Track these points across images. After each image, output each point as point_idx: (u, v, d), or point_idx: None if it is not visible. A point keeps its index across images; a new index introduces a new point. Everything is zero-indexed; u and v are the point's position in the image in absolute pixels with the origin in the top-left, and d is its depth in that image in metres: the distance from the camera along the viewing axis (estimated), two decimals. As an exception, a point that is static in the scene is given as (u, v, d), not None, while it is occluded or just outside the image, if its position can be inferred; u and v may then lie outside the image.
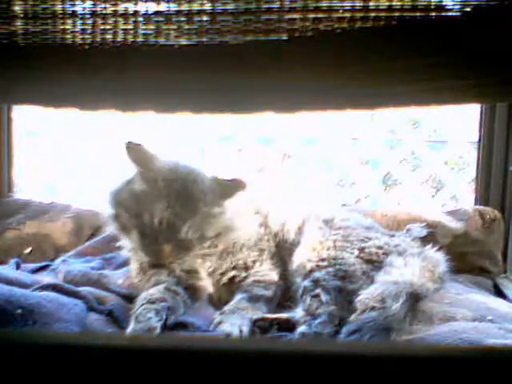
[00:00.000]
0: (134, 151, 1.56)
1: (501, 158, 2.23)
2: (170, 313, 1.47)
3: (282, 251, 1.74)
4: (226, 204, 1.61)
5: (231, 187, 1.61)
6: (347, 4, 1.10)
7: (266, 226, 1.77)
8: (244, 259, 1.67)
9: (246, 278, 1.66)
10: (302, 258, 1.63)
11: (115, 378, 0.82)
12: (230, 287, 1.65)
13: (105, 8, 1.13)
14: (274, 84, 1.20)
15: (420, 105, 1.49)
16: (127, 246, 1.70)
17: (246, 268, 1.67)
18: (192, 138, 3.48)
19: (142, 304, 1.46)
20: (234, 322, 1.44)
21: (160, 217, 1.51)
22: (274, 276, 1.67)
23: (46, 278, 1.75)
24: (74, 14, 1.14)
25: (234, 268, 1.66)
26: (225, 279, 1.66)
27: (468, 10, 1.08)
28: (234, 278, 1.66)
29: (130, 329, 1.39)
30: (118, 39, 1.15)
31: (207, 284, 1.65)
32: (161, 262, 1.55)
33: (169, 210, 1.51)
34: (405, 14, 1.09)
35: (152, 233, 1.52)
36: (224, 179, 1.64)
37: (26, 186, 3.21)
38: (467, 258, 2.07)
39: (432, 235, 2.03)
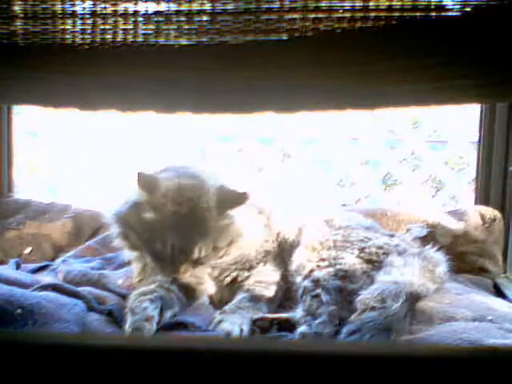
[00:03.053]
0: (145, 181, 1.55)
1: (501, 158, 2.23)
2: (165, 304, 1.47)
3: (283, 252, 1.74)
4: (233, 213, 1.61)
5: (236, 199, 1.60)
6: (347, 4, 1.10)
7: (269, 228, 1.78)
8: (250, 261, 1.68)
9: (248, 278, 1.66)
10: (302, 258, 1.63)
11: (115, 378, 0.82)
12: (231, 287, 1.65)
13: (105, 8, 1.13)
14: (274, 84, 1.20)
15: (420, 105, 1.49)
16: (131, 254, 1.71)
17: (249, 269, 1.67)
18: (192, 138, 3.49)
19: (135, 299, 1.47)
20: (234, 321, 1.44)
21: (172, 243, 1.52)
22: (275, 276, 1.67)
23: (46, 277, 1.75)
24: (73, 14, 1.14)
25: (237, 269, 1.66)
26: (227, 280, 1.66)
27: (468, 9, 1.08)
28: (236, 278, 1.66)
29: (128, 323, 1.40)
30: (118, 39, 1.15)
31: (206, 285, 1.65)
32: (177, 280, 1.57)
33: (179, 234, 1.52)
34: (405, 14, 1.09)
35: (165, 257, 1.53)
36: (230, 189, 1.62)
37: (26, 186, 3.21)
38: (467, 257, 2.07)
39: (432, 235, 2.04)
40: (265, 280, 1.65)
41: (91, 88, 1.25)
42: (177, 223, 1.53)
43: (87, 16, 1.14)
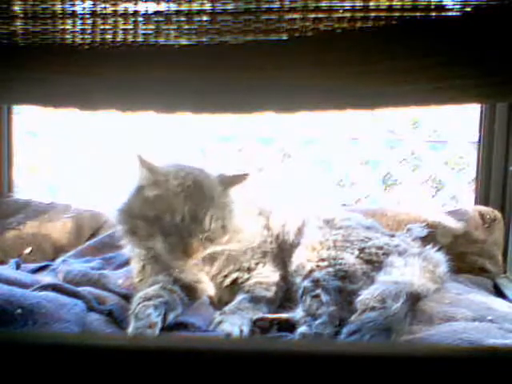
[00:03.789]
0: (145, 161, 1.57)
1: (501, 158, 2.23)
2: (168, 308, 1.47)
3: (283, 253, 1.74)
4: (234, 196, 1.63)
5: (236, 178, 1.64)
6: (347, 4, 1.10)
7: (269, 228, 1.77)
8: (248, 262, 1.67)
9: (248, 279, 1.65)
10: (301, 258, 1.62)
11: (115, 378, 0.82)
12: (232, 289, 1.65)
13: (105, 8, 1.13)
14: (274, 84, 1.20)
15: (420, 105, 1.49)
16: (136, 251, 1.70)
17: (249, 270, 1.67)
18: (192, 138, 3.49)
19: (139, 303, 1.47)
20: (234, 322, 1.44)
21: (181, 212, 1.52)
22: (275, 278, 1.67)
23: (45, 277, 1.75)
24: (73, 14, 1.14)
25: (237, 270, 1.66)
26: (227, 281, 1.66)
27: (468, 9, 1.08)
28: (236, 279, 1.66)
29: (131, 328, 1.39)
30: (118, 39, 1.15)
31: (205, 284, 1.64)
32: (190, 257, 1.54)
33: (188, 203, 1.53)
34: (405, 14, 1.09)
35: (176, 230, 1.52)
36: (228, 175, 1.66)
37: (26, 186, 3.21)
38: (467, 257, 2.07)
39: (432, 235, 2.03)
40: (265, 281, 1.64)
41: (91, 88, 1.25)
42: (183, 193, 1.54)
43: (87, 16, 1.14)
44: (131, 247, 1.69)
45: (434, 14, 1.09)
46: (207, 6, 1.12)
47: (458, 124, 3.46)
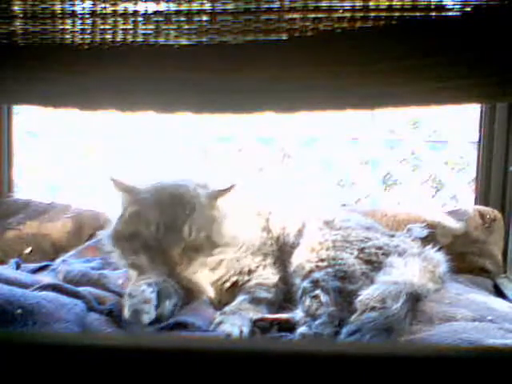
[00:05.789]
0: (119, 184, 1.61)
1: (501, 158, 2.23)
2: (163, 293, 1.47)
3: (283, 254, 1.73)
4: (224, 206, 1.62)
5: (221, 191, 1.63)
6: (347, 4, 1.10)
7: (269, 230, 1.77)
8: (248, 265, 1.67)
9: (248, 281, 1.65)
10: (301, 258, 1.62)
11: (115, 378, 0.82)
12: (232, 291, 1.65)
13: (104, 8, 1.13)
14: (274, 84, 1.20)
15: (420, 105, 1.49)
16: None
17: (250, 272, 1.67)
18: (192, 138, 3.49)
19: (132, 284, 1.49)
20: (234, 323, 1.43)
21: (155, 223, 1.52)
22: (276, 279, 1.67)
23: (45, 278, 1.75)
24: (73, 14, 1.14)
25: (237, 274, 1.66)
26: (228, 285, 1.65)
27: (468, 9, 1.08)
28: (236, 282, 1.66)
29: (126, 308, 1.41)
30: (118, 39, 1.15)
31: (206, 287, 1.64)
32: (172, 268, 1.53)
33: (163, 215, 1.53)
34: (405, 14, 1.09)
35: (155, 242, 1.53)
36: (214, 189, 1.65)
37: (26, 186, 3.21)
38: (467, 257, 2.07)
39: (432, 235, 2.04)
40: (265, 283, 1.64)
41: (91, 88, 1.25)
42: (158, 206, 1.55)
43: (87, 16, 1.14)
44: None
45: (433, 13, 1.09)
46: (207, 6, 1.12)
47: (458, 124, 3.45)
